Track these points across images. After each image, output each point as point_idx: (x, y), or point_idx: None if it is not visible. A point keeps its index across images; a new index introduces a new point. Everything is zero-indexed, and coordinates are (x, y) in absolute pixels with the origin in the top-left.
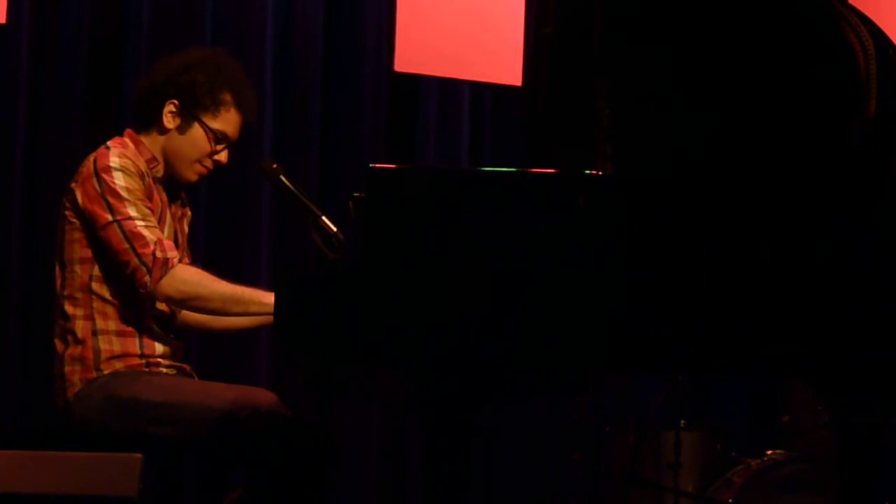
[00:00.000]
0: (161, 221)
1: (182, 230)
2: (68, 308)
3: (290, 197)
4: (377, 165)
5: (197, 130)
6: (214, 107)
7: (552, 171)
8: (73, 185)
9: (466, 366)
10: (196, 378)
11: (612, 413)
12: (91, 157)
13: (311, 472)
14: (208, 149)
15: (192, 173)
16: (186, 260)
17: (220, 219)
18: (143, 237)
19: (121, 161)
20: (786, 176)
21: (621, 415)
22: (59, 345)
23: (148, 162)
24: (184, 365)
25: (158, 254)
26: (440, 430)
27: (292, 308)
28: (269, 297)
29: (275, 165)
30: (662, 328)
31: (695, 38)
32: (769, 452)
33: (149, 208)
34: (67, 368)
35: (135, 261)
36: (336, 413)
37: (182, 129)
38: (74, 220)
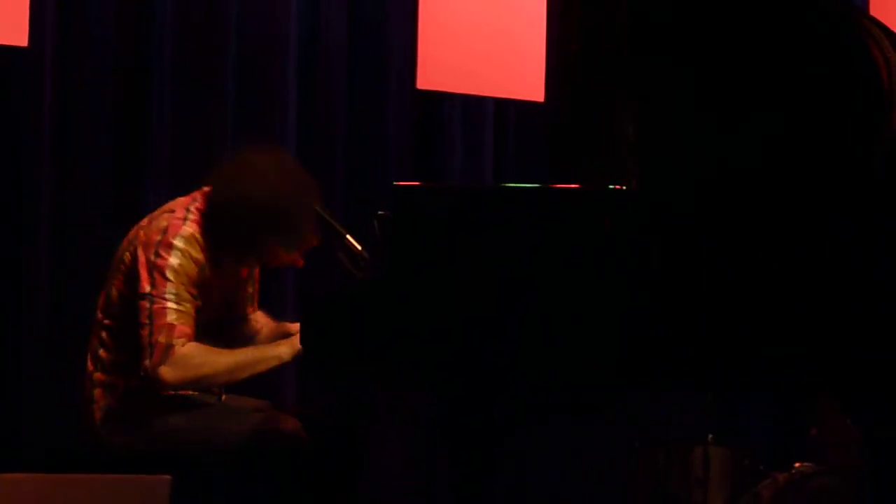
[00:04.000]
0: (211, 296)
1: (251, 280)
2: (104, 335)
3: (316, 216)
4: (402, 184)
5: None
6: (266, 254)
7: (576, 186)
8: (140, 233)
9: (493, 381)
10: (223, 395)
11: (640, 430)
12: (166, 221)
13: (334, 495)
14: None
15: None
16: (247, 309)
17: None
18: (164, 317)
19: (185, 245)
20: (810, 192)
21: (649, 431)
22: (90, 365)
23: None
24: None
25: (163, 339)
26: (469, 448)
27: (319, 328)
28: (273, 350)
29: None
30: (687, 347)
31: (719, 55)
32: (797, 465)
33: (191, 293)
34: (97, 392)
35: (146, 339)
36: (362, 433)
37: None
38: (125, 267)
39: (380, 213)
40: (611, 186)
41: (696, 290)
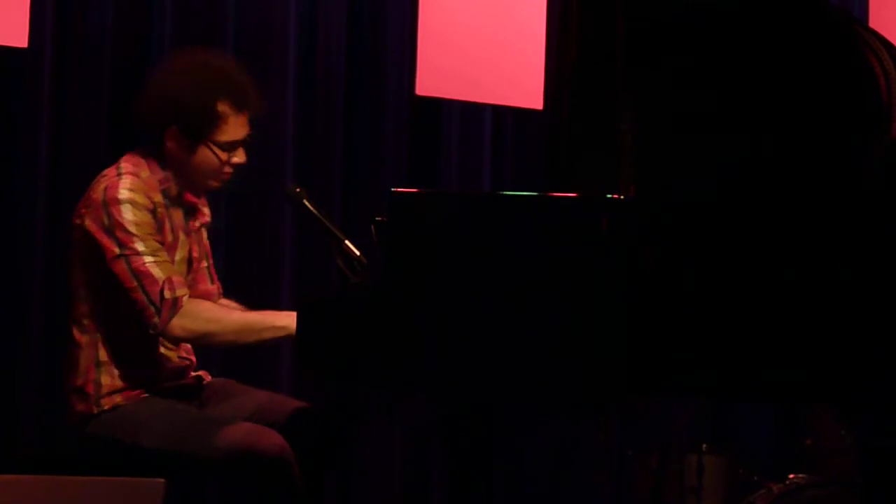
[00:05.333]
0: (174, 247)
1: (200, 242)
2: (76, 334)
3: (314, 221)
4: (399, 190)
5: (204, 151)
6: (214, 123)
7: (574, 194)
8: (82, 209)
9: (489, 389)
10: (213, 381)
11: (634, 437)
12: (102, 184)
13: (326, 497)
14: (220, 163)
15: (208, 185)
16: (210, 287)
17: (243, 243)
18: (152, 275)
19: (130, 194)
20: (808, 201)
21: (644, 438)
22: (66, 367)
23: (161, 182)
24: (189, 382)
25: (167, 294)
26: (465, 453)
27: (314, 331)
28: (281, 320)
29: (298, 189)
30: (684, 352)
31: (717, 62)
32: (791, 476)
33: (159, 241)
34: (72, 397)
35: (143, 299)
36: (356, 434)
37: (190, 150)
38: (80, 246)
39: (378, 218)
40: (609, 194)
41: (695, 298)
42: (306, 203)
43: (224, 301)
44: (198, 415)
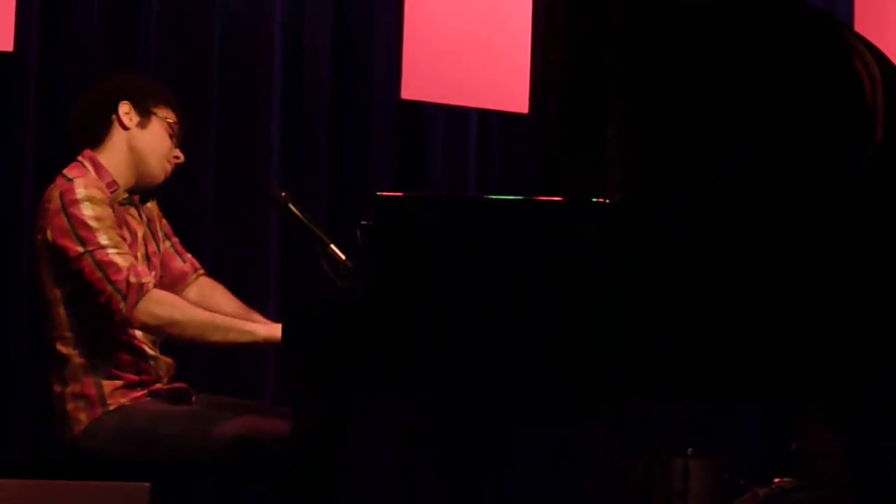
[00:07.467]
0: (132, 246)
1: (156, 236)
2: (60, 348)
3: (299, 225)
4: (385, 193)
5: (156, 123)
6: (160, 100)
7: (560, 198)
8: (41, 223)
9: (476, 394)
10: (193, 395)
11: (621, 441)
12: (55, 192)
13: (317, 499)
14: (169, 142)
15: (161, 170)
16: (182, 265)
17: (228, 247)
18: (115, 264)
19: (87, 192)
20: (796, 203)
21: (639, 441)
22: (56, 386)
23: (108, 185)
24: (181, 385)
25: (132, 279)
26: (464, 453)
27: (300, 335)
28: (249, 326)
29: (283, 193)
30: (673, 355)
31: (705, 65)
32: (777, 480)
33: (121, 236)
34: (70, 406)
35: (108, 289)
36: (349, 439)
37: (142, 124)
38: (45, 260)
39: (363, 222)
40: (595, 199)
41: (693, 299)
42: (291, 207)
43: (207, 281)
44: (211, 406)
